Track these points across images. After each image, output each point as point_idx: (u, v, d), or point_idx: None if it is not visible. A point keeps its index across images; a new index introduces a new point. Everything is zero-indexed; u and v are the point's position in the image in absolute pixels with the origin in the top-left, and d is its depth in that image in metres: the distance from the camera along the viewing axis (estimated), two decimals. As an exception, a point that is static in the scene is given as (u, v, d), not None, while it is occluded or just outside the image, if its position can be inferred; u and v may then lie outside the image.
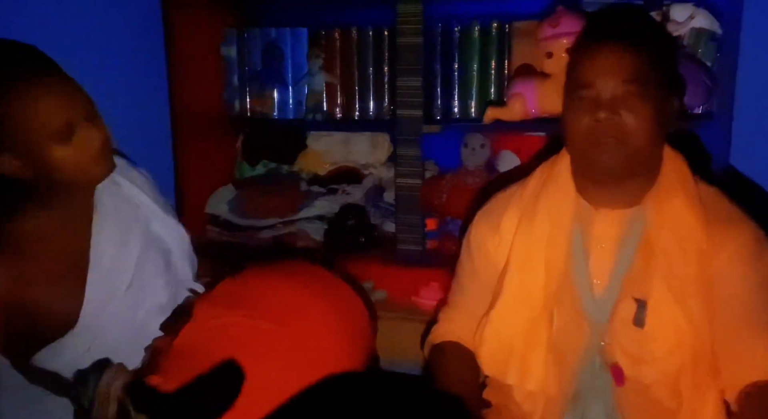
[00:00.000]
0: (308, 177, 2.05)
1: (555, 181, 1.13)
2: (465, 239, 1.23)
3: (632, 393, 1.04)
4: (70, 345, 1.07)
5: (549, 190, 1.13)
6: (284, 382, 1.01)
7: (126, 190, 1.20)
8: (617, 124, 0.99)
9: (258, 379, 0.99)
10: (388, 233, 1.88)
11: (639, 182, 1.07)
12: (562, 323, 1.08)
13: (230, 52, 1.99)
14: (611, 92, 1.00)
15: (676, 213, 1.04)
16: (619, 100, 1.00)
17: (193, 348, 1.02)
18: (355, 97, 1.91)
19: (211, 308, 1.07)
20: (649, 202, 1.06)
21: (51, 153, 1.02)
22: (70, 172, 1.04)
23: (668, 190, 1.06)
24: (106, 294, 1.10)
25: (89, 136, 1.05)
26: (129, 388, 0.93)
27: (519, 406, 1.12)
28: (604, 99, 1.00)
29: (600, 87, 1.01)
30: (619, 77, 1.00)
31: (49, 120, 1.00)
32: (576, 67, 1.05)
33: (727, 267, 1.01)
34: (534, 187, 1.16)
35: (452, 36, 1.79)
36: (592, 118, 1.01)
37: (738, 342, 1.00)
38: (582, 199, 1.11)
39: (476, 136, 1.86)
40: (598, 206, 1.09)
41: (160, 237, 1.22)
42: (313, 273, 1.17)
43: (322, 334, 1.05)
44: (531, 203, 1.14)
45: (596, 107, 1.00)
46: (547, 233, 1.10)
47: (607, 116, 0.99)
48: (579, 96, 1.03)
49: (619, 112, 0.99)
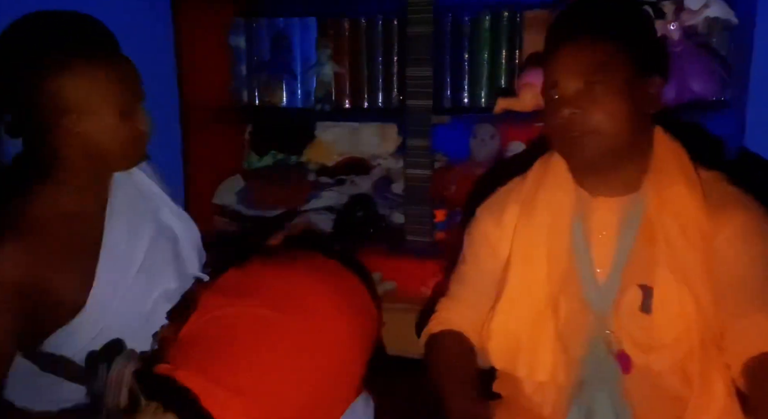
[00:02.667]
0: (316, 168, 2.05)
1: (553, 172, 1.14)
2: (467, 232, 1.23)
3: (640, 380, 1.04)
4: (78, 330, 1.08)
5: (548, 182, 1.14)
6: (291, 371, 1.01)
7: (138, 178, 1.21)
8: (581, 119, 1.01)
9: (265, 369, 0.99)
10: (396, 224, 1.87)
11: (632, 168, 1.07)
12: (567, 313, 1.08)
13: (238, 41, 1.99)
14: (573, 88, 1.02)
15: (677, 198, 1.04)
16: (582, 95, 1.01)
17: (200, 336, 1.03)
18: (363, 87, 1.90)
19: (217, 297, 1.08)
20: (647, 187, 1.07)
21: (115, 124, 1.06)
22: (115, 151, 1.09)
23: (667, 175, 1.06)
24: (116, 280, 1.10)
25: (143, 119, 1.11)
26: (138, 375, 0.93)
27: (529, 398, 1.11)
28: (567, 96, 1.02)
29: (562, 85, 1.03)
30: (578, 73, 1.01)
31: (113, 96, 1.06)
32: (545, 69, 1.08)
33: (727, 246, 1.01)
34: (533, 179, 1.16)
35: (462, 25, 1.78)
36: (559, 116, 1.03)
37: (741, 318, 0.99)
38: (580, 188, 1.11)
39: (486, 126, 1.84)
40: (596, 194, 1.10)
41: (169, 227, 1.23)
42: (318, 263, 1.18)
43: (328, 324, 1.06)
44: (531, 196, 1.15)
45: (561, 104, 1.03)
46: (547, 224, 1.11)
47: (570, 112, 1.02)
48: (549, 96, 1.06)
49: (581, 106, 1.01)
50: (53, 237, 1.07)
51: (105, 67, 1.06)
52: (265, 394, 0.98)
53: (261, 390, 0.98)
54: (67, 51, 1.05)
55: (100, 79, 1.05)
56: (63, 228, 1.08)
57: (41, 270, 1.04)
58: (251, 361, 0.99)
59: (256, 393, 0.97)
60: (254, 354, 1.00)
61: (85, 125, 1.06)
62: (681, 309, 1.01)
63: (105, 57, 1.07)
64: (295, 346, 1.02)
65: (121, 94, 1.07)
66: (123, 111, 1.07)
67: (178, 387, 0.93)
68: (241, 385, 0.96)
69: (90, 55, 1.06)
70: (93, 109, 1.05)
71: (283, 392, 0.99)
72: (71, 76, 1.03)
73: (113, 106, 1.06)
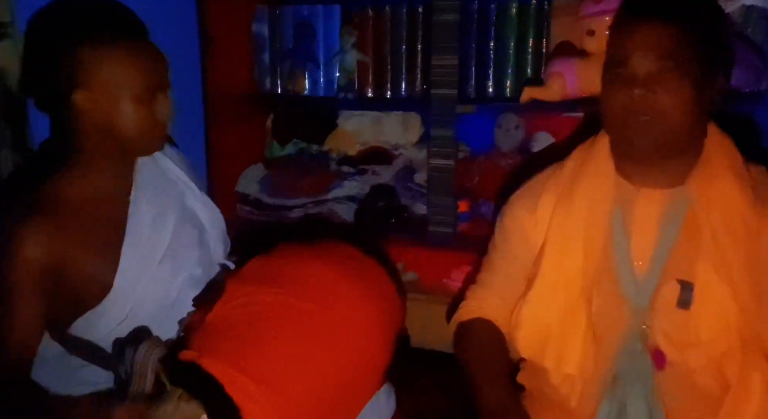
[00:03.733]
0: (338, 157, 2.04)
1: (594, 161, 1.11)
2: (499, 220, 1.21)
3: (674, 377, 1.02)
4: (106, 313, 1.08)
5: (588, 171, 1.10)
6: (316, 361, 1.00)
7: (163, 164, 1.20)
8: (651, 101, 0.97)
9: (290, 358, 0.99)
10: (418, 215, 1.86)
11: (681, 161, 1.04)
12: (601, 306, 1.06)
13: (262, 29, 1.97)
14: (646, 69, 0.98)
15: (725, 194, 1.01)
16: (654, 77, 0.97)
17: (225, 323, 1.03)
18: (387, 75, 1.88)
19: (243, 285, 1.07)
20: (693, 181, 1.04)
21: (127, 110, 1.06)
22: (136, 135, 1.08)
23: (716, 170, 1.03)
24: (142, 264, 1.11)
25: (167, 105, 1.10)
26: (165, 361, 0.93)
27: (555, 390, 1.10)
28: (638, 75, 0.98)
29: (635, 64, 0.98)
30: (654, 53, 0.97)
31: (139, 79, 1.05)
32: (613, 45, 1.03)
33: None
34: (572, 168, 1.13)
35: (489, 13, 1.75)
36: (627, 95, 0.99)
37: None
38: (622, 179, 1.08)
39: (510, 116, 1.82)
40: (640, 186, 1.07)
41: (194, 213, 1.23)
42: (343, 252, 1.17)
43: (353, 314, 1.05)
44: (568, 185, 1.11)
45: (631, 84, 0.98)
46: (585, 214, 1.08)
47: (641, 93, 0.97)
48: (615, 73, 1.01)
49: (654, 89, 0.97)
50: (79, 219, 1.08)
51: (123, 50, 1.05)
52: (289, 383, 0.97)
53: (285, 379, 0.97)
54: (88, 29, 1.06)
55: (116, 61, 1.05)
56: (88, 210, 1.09)
57: (67, 250, 1.05)
58: (276, 350, 0.99)
59: (280, 382, 0.97)
60: (279, 342, 1.00)
61: (96, 104, 1.05)
62: (722, 306, 0.99)
63: (125, 40, 1.07)
64: (320, 336, 1.01)
65: (139, 80, 1.06)
66: (139, 96, 1.06)
67: (204, 374, 0.93)
68: (266, 374, 0.96)
69: (110, 36, 1.06)
70: (105, 88, 1.05)
71: (307, 381, 0.99)
72: (87, 51, 1.04)
73: (127, 90, 1.05)
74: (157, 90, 1.09)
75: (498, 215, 1.22)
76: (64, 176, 1.10)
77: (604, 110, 1.04)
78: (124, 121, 1.07)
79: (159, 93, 1.09)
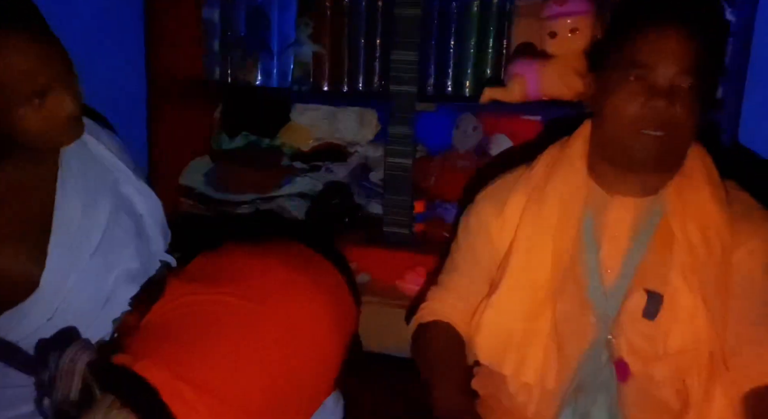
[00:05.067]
0: (291, 152, 1.97)
1: (566, 164, 1.08)
2: (464, 220, 1.18)
3: (636, 390, 1.01)
4: (31, 311, 1.01)
5: (559, 174, 1.08)
6: (263, 366, 0.95)
7: (94, 149, 1.13)
8: (670, 115, 0.95)
9: (234, 363, 0.93)
10: (372, 214, 1.82)
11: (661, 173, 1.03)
12: (566, 313, 1.04)
13: (212, 15, 1.89)
14: (670, 80, 0.95)
15: (702, 206, 1.00)
16: (677, 90, 0.94)
17: (164, 325, 0.97)
18: (344, 69, 1.83)
19: (185, 284, 1.02)
20: (670, 192, 1.03)
21: (17, 113, 0.96)
22: (34, 135, 0.99)
23: (694, 182, 1.02)
24: (72, 258, 1.04)
25: (61, 103, 0.99)
26: (93, 366, 0.86)
27: (512, 398, 1.07)
28: (661, 86, 0.95)
29: (660, 72, 0.95)
30: (679, 66, 0.94)
31: (24, 80, 0.95)
32: (631, 44, 0.98)
33: (750, 260, 0.98)
34: (542, 169, 1.11)
35: (450, 10, 1.72)
36: (645, 105, 0.95)
37: (753, 341, 0.96)
38: (595, 184, 1.06)
39: (469, 117, 1.80)
40: (613, 192, 1.05)
41: (130, 201, 1.16)
42: (295, 252, 1.13)
43: (302, 315, 1.00)
44: (539, 187, 1.09)
45: (652, 93, 0.95)
46: (556, 218, 1.06)
47: (664, 105, 0.94)
48: (632, 76, 0.97)
49: (674, 102, 0.94)
50: (1, 211, 1.00)
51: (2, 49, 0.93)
52: (232, 390, 0.92)
53: (228, 386, 0.92)
54: None
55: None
56: (11, 200, 1.02)
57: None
58: (217, 354, 0.94)
59: (222, 389, 0.91)
60: (221, 346, 0.94)
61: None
62: (691, 319, 0.98)
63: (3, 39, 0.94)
64: (265, 339, 0.96)
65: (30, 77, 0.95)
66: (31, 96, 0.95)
67: (137, 380, 0.87)
68: (205, 379, 0.90)
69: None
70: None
71: (250, 387, 0.93)
72: None
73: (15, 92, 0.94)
74: (55, 84, 0.97)
75: (462, 215, 1.19)
76: None
77: (609, 113, 0.99)
78: (19, 125, 0.97)
79: (52, 89, 0.97)
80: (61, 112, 0.99)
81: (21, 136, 0.99)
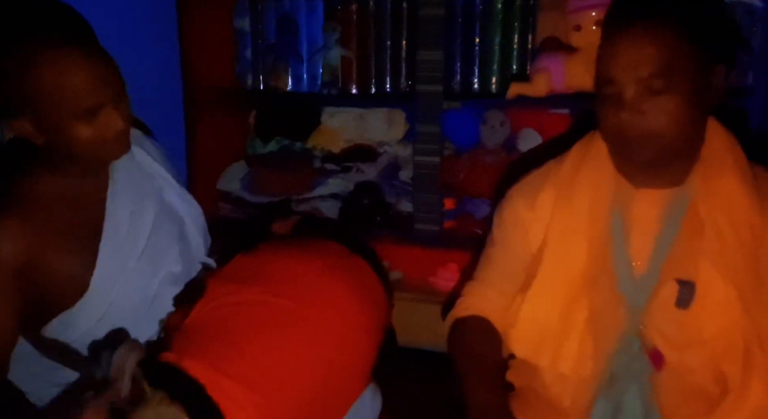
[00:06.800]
0: (322, 154, 2.01)
1: (593, 159, 1.08)
2: (497, 215, 1.18)
3: (671, 378, 1.00)
4: (81, 313, 1.05)
5: (587, 168, 1.08)
6: (301, 362, 0.98)
7: (139, 158, 1.17)
8: (641, 123, 0.94)
9: (274, 359, 0.96)
10: (403, 212, 1.84)
11: (681, 162, 1.02)
12: (599, 305, 1.04)
13: (243, 24, 1.95)
14: (633, 90, 0.93)
15: (728, 193, 0.99)
16: (643, 97, 0.92)
17: (207, 325, 1.00)
18: (371, 71, 1.86)
19: (225, 284, 1.04)
20: (695, 180, 1.02)
21: (70, 129, 0.98)
22: (84, 150, 1.02)
23: (718, 168, 1.01)
24: (120, 262, 1.07)
25: (112, 120, 1.01)
26: (143, 364, 0.90)
27: (547, 389, 1.08)
28: (626, 98, 0.93)
29: (621, 84, 0.93)
30: (641, 73, 0.92)
31: (79, 98, 0.96)
32: (600, 59, 0.98)
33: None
34: (571, 164, 1.11)
35: (474, 8, 1.73)
36: (616, 117, 0.95)
37: None
38: (622, 177, 1.06)
39: (496, 113, 1.80)
40: (639, 186, 1.05)
41: (173, 207, 1.19)
42: (329, 251, 1.15)
43: (339, 313, 1.03)
44: (568, 180, 1.09)
45: (619, 107, 0.94)
46: (586, 212, 1.06)
47: (628, 117, 0.94)
48: (603, 92, 0.97)
49: (642, 110, 0.93)
50: (54, 218, 1.04)
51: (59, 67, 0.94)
52: (273, 385, 0.95)
53: (269, 380, 0.95)
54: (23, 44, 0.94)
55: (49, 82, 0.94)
56: (63, 209, 1.05)
57: (42, 250, 1.01)
58: (258, 350, 0.96)
59: (264, 384, 0.94)
60: (262, 343, 0.97)
61: (44, 122, 0.98)
62: (724, 306, 0.97)
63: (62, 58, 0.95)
64: (305, 336, 0.99)
65: (84, 96, 0.96)
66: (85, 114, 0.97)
67: (184, 377, 0.90)
68: (249, 376, 0.93)
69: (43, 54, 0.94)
70: (46, 109, 0.96)
71: (292, 383, 0.96)
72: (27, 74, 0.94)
73: (69, 110, 0.96)
74: (102, 105, 0.99)
75: (496, 210, 1.19)
76: (36, 175, 1.06)
77: (599, 122, 1.01)
78: (71, 141, 1.00)
79: (105, 107, 0.99)
80: (110, 130, 1.01)
81: (73, 150, 1.01)
